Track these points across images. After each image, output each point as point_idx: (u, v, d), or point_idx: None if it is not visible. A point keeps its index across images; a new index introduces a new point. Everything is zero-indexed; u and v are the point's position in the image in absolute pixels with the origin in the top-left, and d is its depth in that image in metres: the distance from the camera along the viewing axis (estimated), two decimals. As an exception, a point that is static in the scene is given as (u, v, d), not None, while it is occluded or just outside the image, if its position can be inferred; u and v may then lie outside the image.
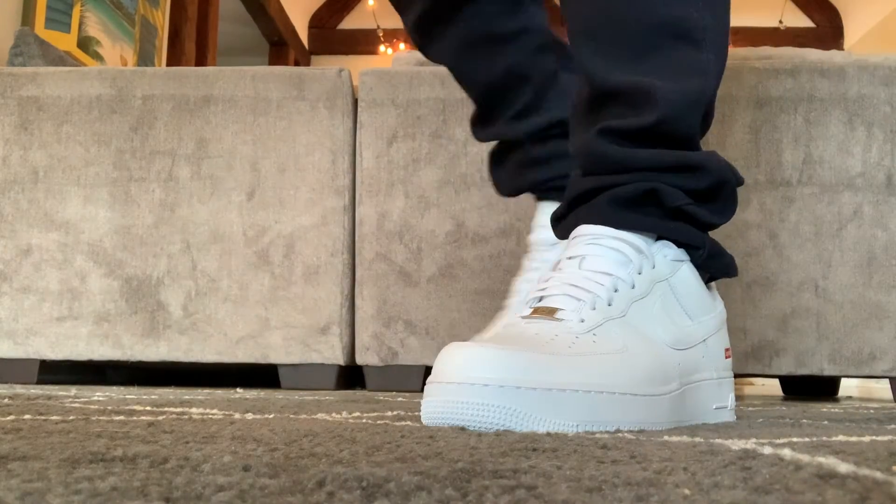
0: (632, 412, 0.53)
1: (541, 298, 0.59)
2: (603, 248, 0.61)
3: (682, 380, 0.60)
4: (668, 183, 0.63)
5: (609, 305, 0.58)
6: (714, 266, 0.68)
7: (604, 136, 0.65)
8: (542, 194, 0.93)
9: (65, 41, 2.57)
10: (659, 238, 0.63)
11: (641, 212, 0.63)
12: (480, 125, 0.95)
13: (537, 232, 0.94)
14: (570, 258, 0.62)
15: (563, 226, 0.69)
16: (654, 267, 0.61)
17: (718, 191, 0.66)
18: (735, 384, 0.71)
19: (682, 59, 0.64)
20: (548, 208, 0.90)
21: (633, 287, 0.59)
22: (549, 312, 0.57)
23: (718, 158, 0.66)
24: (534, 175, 0.92)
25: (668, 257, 0.63)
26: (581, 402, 0.50)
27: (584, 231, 0.63)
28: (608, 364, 0.54)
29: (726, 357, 0.68)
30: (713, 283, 0.70)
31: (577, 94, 0.70)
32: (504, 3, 0.83)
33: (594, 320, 0.56)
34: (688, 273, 0.64)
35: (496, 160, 0.97)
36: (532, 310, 0.59)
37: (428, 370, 1.02)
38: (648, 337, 0.58)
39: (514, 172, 0.95)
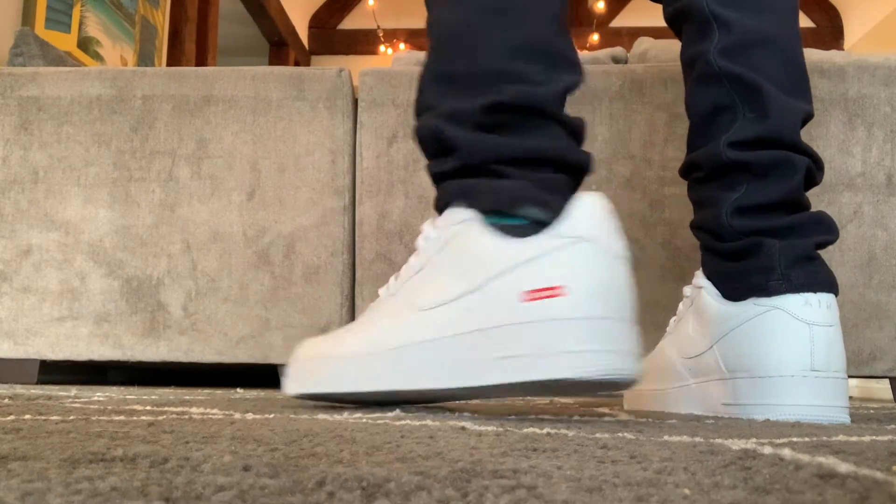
0: (357, 371, 0.65)
1: None
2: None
3: (439, 334, 0.62)
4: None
5: (390, 288, 0.69)
6: (486, 200, 0.64)
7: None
8: None
9: (65, 41, 2.57)
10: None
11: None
12: None
13: None
14: None
15: None
16: (435, 238, 0.67)
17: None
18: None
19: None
20: None
21: (416, 269, 0.67)
22: None
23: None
24: None
25: (452, 223, 0.65)
26: (323, 366, 0.68)
27: None
28: (344, 336, 0.68)
29: (527, 300, 0.59)
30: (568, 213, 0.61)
31: None
32: None
33: (376, 304, 0.69)
34: (469, 230, 0.63)
35: None
36: None
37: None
38: (398, 307, 0.66)
39: None
